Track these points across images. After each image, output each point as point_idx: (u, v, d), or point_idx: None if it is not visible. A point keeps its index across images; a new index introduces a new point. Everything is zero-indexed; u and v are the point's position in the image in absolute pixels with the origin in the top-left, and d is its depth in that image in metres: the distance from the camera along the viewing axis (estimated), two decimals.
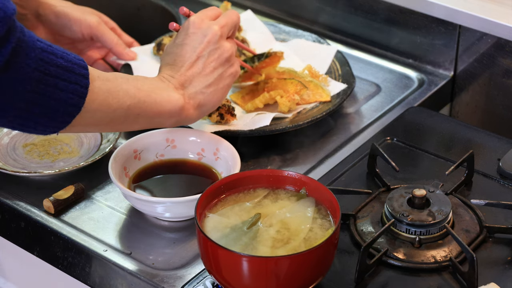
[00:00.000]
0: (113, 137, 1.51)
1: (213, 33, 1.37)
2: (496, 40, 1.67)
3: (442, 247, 1.29)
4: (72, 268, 1.37)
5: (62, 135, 1.54)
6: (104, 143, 1.51)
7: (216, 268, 1.18)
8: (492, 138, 1.54)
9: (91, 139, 1.54)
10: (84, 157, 1.49)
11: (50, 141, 1.53)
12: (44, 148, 1.52)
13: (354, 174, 1.45)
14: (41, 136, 1.54)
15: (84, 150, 1.51)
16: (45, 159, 1.49)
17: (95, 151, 1.50)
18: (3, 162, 1.47)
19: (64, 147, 1.52)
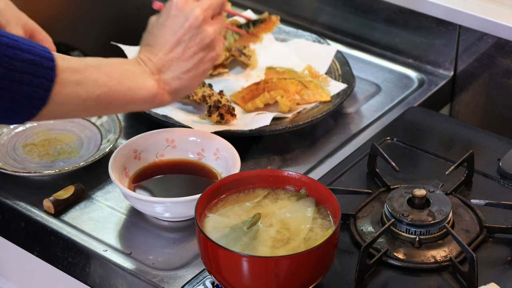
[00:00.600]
0: (113, 137, 1.50)
1: (195, 17, 1.33)
2: (496, 40, 1.67)
3: (442, 247, 1.29)
4: (72, 268, 1.37)
5: (62, 136, 1.54)
6: (104, 143, 1.51)
7: (216, 268, 1.18)
8: (492, 138, 1.54)
9: (91, 139, 1.53)
10: (84, 157, 1.49)
11: (50, 141, 1.53)
12: (44, 148, 1.51)
13: (354, 174, 1.45)
14: (41, 136, 1.53)
15: (84, 150, 1.51)
16: (45, 159, 1.49)
17: (95, 151, 1.50)
18: (3, 162, 1.47)
19: (64, 147, 1.52)
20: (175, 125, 1.51)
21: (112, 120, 1.54)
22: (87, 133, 1.55)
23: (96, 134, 1.54)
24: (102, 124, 1.55)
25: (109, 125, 1.54)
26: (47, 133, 1.55)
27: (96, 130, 1.55)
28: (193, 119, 1.56)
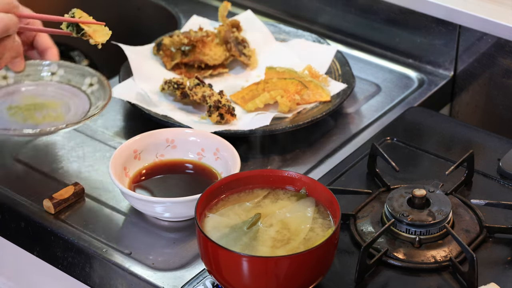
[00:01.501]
0: (102, 103, 1.48)
1: None
2: (496, 40, 1.67)
3: (442, 247, 1.29)
4: (72, 268, 1.37)
5: (49, 102, 1.53)
6: (92, 110, 1.49)
7: (216, 268, 1.18)
8: (492, 138, 1.54)
9: (79, 106, 1.51)
10: (69, 122, 1.47)
11: (36, 106, 1.52)
12: (29, 112, 1.50)
13: (354, 174, 1.45)
14: (28, 101, 1.53)
15: (70, 116, 1.49)
16: (29, 122, 1.48)
17: (83, 116, 1.48)
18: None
19: (50, 112, 1.51)
20: (175, 125, 1.51)
21: (103, 88, 1.52)
22: (76, 100, 1.53)
23: (85, 102, 1.52)
24: (93, 92, 1.53)
25: (100, 93, 1.52)
26: (34, 98, 1.54)
27: (86, 98, 1.53)
28: (193, 119, 1.56)
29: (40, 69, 1.56)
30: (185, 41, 1.68)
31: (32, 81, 1.56)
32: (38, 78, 1.56)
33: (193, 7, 1.95)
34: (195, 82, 1.59)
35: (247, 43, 1.72)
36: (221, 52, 1.69)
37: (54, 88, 1.55)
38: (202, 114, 1.57)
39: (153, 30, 1.95)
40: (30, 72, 1.56)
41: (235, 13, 1.87)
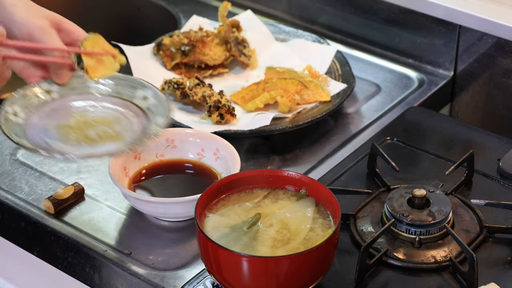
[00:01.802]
0: (163, 121, 1.31)
1: None
2: (496, 40, 1.67)
3: (442, 247, 1.29)
4: (72, 268, 1.37)
5: (101, 117, 1.34)
6: (152, 127, 1.32)
7: (216, 268, 1.18)
8: (492, 138, 1.54)
9: (135, 122, 1.33)
10: (129, 142, 1.29)
11: (88, 124, 1.33)
12: (81, 132, 1.31)
13: (354, 174, 1.45)
14: (77, 117, 1.34)
15: (128, 133, 1.31)
16: (83, 143, 1.29)
17: (142, 136, 1.31)
18: (35, 145, 1.27)
19: (105, 130, 1.32)
20: (175, 125, 1.51)
21: (160, 103, 1.35)
22: (131, 116, 1.35)
23: (141, 117, 1.34)
24: (149, 107, 1.35)
25: (156, 108, 1.35)
26: (83, 114, 1.35)
27: (140, 112, 1.35)
28: (193, 119, 1.56)
29: (86, 81, 1.35)
30: (185, 41, 1.68)
31: (78, 95, 1.36)
32: (85, 91, 1.36)
33: (193, 7, 1.95)
34: (195, 82, 1.59)
35: (247, 43, 1.72)
36: (221, 52, 1.69)
37: (104, 102, 1.37)
38: (202, 114, 1.57)
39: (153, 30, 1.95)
40: (75, 85, 1.36)
41: (235, 13, 1.87)
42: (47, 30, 1.28)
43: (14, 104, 1.29)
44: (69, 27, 1.31)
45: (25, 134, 1.26)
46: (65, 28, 1.31)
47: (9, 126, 1.25)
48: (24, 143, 1.22)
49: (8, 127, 1.25)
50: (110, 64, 1.32)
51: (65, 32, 1.31)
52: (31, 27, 1.28)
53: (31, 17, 1.29)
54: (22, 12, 1.29)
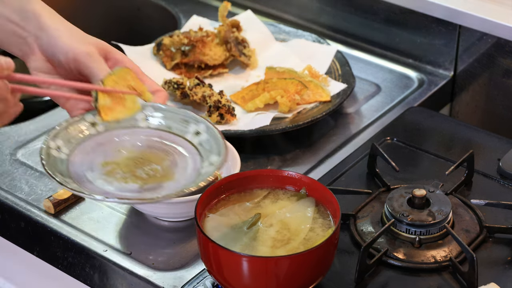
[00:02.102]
0: (218, 159, 1.17)
1: None
2: (496, 40, 1.67)
3: (442, 247, 1.29)
4: (72, 268, 1.37)
5: (150, 153, 1.22)
6: (205, 166, 1.18)
7: (216, 268, 1.18)
8: (492, 138, 1.54)
9: (187, 160, 1.21)
10: (181, 182, 1.16)
11: (136, 160, 1.21)
12: (128, 169, 1.19)
13: (354, 174, 1.45)
14: (124, 153, 1.22)
15: (179, 173, 1.19)
16: (131, 182, 1.16)
17: (195, 176, 1.17)
18: (78, 184, 1.15)
19: (155, 168, 1.19)
20: None
21: (214, 138, 1.21)
22: (182, 153, 1.22)
23: (194, 155, 1.21)
24: (201, 143, 1.22)
25: (210, 144, 1.21)
26: (131, 150, 1.22)
27: (193, 149, 1.22)
28: None
29: (134, 113, 1.23)
30: (185, 41, 1.68)
31: (125, 128, 1.23)
32: (133, 124, 1.23)
33: (193, 7, 1.95)
34: (195, 82, 1.59)
35: (247, 43, 1.72)
36: (221, 52, 1.69)
37: (153, 137, 1.24)
38: (202, 114, 1.57)
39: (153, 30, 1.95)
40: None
41: (235, 13, 1.87)
42: (95, 57, 1.21)
43: (57, 138, 1.18)
44: (116, 56, 1.25)
45: (68, 171, 1.15)
46: (112, 56, 1.24)
47: (51, 163, 1.14)
48: (69, 184, 1.11)
49: (50, 164, 1.14)
50: (131, 104, 1.20)
51: (112, 61, 1.24)
52: (77, 52, 1.21)
53: (77, 42, 1.22)
54: (67, 37, 1.22)
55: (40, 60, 1.23)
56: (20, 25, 1.22)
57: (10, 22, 1.21)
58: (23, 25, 1.22)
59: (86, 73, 1.20)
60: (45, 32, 1.22)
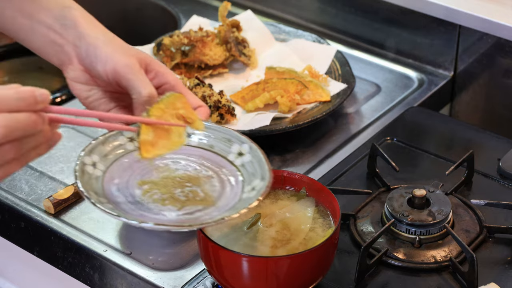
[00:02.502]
0: (262, 184, 1.11)
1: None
2: (496, 40, 1.67)
3: (442, 247, 1.29)
4: (72, 268, 1.37)
5: (189, 173, 1.17)
6: (247, 191, 1.13)
7: (216, 268, 1.18)
8: (492, 138, 1.54)
9: (228, 183, 1.16)
10: (222, 208, 1.11)
11: (175, 181, 1.16)
12: (167, 190, 1.14)
13: (354, 174, 1.45)
14: (162, 172, 1.17)
15: (219, 196, 1.14)
16: (169, 205, 1.11)
17: (236, 201, 1.12)
18: (114, 205, 1.08)
19: (194, 191, 1.14)
20: None
21: (258, 161, 1.15)
22: (223, 175, 1.17)
23: (236, 177, 1.16)
24: (244, 165, 1.16)
25: (253, 167, 1.16)
26: (169, 169, 1.17)
27: (235, 171, 1.17)
28: None
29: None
30: (185, 41, 1.68)
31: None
32: (171, 142, 1.14)
33: (193, 7, 1.95)
34: (195, 82, 1.59)
35: (247, 43, 1.72)
36: (221, 52, 1.69)
37: (194, 156, 1.18)
38: None
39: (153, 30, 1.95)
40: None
41: (235, 13, 1.87)
42: (135, 68, 1.16)
43: (93, 153, 1.12)
44: (157, 68, 1.19)
45: (103, 190, 1.10)
46: (153, 68, 1.19)
47: (86, 180, 1.08)
48: (102, 205, 1.05)
49: (84, 182, 1.07)
50: (176, 137, 1.11)
51: (153, 74, 1.19)
52: (116, 63, 1.15)
53: (117, 52, 1.17)
54: (106, 46, 1.17)
55: (77, 70, 1.19)
56: (59, 33, 1.19)
57: (50, 29, 1.19)
58: (62, 33, 1.19)
59: (124, 85, 1.15)
60: (83, 41, 1.18)
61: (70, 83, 1.20)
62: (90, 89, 1.20)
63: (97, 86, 1.20)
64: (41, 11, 1.19)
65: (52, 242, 1.38)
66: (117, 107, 1.20)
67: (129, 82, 1.15)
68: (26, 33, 1.21)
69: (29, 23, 1.20)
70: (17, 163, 0.95)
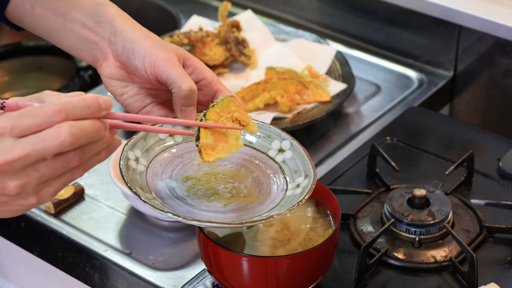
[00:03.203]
0: (306, 182, 1.10)
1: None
2: (496, 40, 1.67)
3: (442, 247, 1.29)
4: (72, 268, 1.37)
5: (231, 169, 1.16)
6: (291, 188, 1.12)
7: (216, 268, 1.18)
8: (492, 138, 1.54)
9: (271, 179, 1.14)
10: (267, 205, 1.10)
11: (218, 177, 1.14)
12: (210, 186, 1.13)
13: (354, 174, 1.45)
14: (204, 168, 1.16)
15: (263, 193, 1.13)
16: (214, 201, 1.10)
17: (281, 197, 1.11)
18: (162, 203, 1.07)
19: (237, 187, 1.13)
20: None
21: (299, 157, 1.14)
22: (265, 171, 1.15)
23: (278, 174, 1.15)
24: (285, 161, 1.15)
25: (295, 163, 1.14)
26: (209, 164, 1.16)
27: (277, 168, 1.15)
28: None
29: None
30: (185, 41, 1.68)
31: None
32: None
33: (193, 7, 1.95)
34: None
35: (247, 43, 1.72)
36: (221, 52, 1.69)
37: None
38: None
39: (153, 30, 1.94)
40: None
41: (235, 13, 1.87)
42: (174, 62, 1.14)
43: (135, 148, 1.11)
44: (195, 64, 1.17)
45: (148, 185, 1.09)
46: (191, 64, 1.17)
47: (130, 176, 1.07)
48: (151, 201, 1.04)
49: (130, 177, 1.07)
50: (233, 140, 1.09)
51: (191, 69, 1.17)
52: (156, 58, 1.14)
53: (156, 48, 1.16)
54: (144, 42, 1.16)
55: (113, 66, 1.18)
56: (93, 30, 1.18)
57: (84, 27, 1.18)
58: (97, 30, 1.18)
59: (164, 79, 1.14)
60: (119, 37, 1.17)
61: (104, 80, 1.19)
62: (126, 86, 1.18)
63: (133, 83, 1.18)
64: (73, 9, 1.19)
65: (52, 242, 1.38)
66: (152, 103, 1.19)
67: (169, 76, 1.13)
68: (58, 31, 1.20)
69: (61, 21, 1.19)
70: (80, 169, 0.96)
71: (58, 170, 0.93)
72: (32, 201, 0.94)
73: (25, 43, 2.04)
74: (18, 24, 1.24)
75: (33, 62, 2.05)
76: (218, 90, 1.16)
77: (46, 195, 0.95)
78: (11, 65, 2.05)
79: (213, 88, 1.16)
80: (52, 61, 2.03)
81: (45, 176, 0.92)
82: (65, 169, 0.93)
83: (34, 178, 0.92)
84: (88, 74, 1.94)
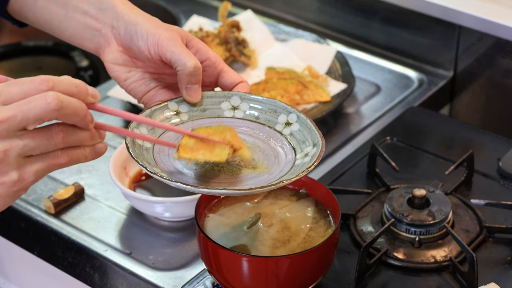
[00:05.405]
0: (314, 151, 1.10)
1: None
2: (496, 40, 1.67)
3: (442, 247, 1.29)
4: (72, 268, 1.37)
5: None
6: (300, 157, 1.12)
7: (216, 268, 1.18)
8: (492, 138, 1.54)
9: (279, 151, 1.14)
10: (276, 174, 1.11)
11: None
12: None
13: (354, 174, 1.45)
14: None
15: (271, 164, 1.13)
16: (223, 174, 1.11)
17: (290, 166, 1.11)
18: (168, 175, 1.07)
19: (245, 159, 1.13)
20: None
21: (307, 129, 1.14)
22: (273, 144, 1.16)
23: (285, 146, 1.15)
24: (292, 133, 1.15)
25: (303, 135, 1.14)
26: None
27: (285, 140, 1.16)
28: None
29: (218, 101, 1.17)
30: None
31: (210, 118, 1.16)
32: (218, 114, 1.16)
33: (193, 7, 1.95)
34: None
35: (247, 43, 1.72)
36: (221, 52, 1.69)
37: (240, 127, 1.17)
38: None
39: None
40: (207, 106, 1.17)
41: (235, 13, 1.87)
42: (178, 42, 1.14)
43: (141, 126, 1.11)
44: (197, 44, 1.17)
45: (155, 161, 1.09)
46: (194, 45, 1.17)
47: (137, 152, 1.08)
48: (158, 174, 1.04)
49: (137, 153, 1.07)
50: (219, 150, 1.09)
51: (194, 50, 1.17)
52: (160, 37, 1.13)
53: (159, 28, 1.15)
54: (147, 24, 1.16)
55: (115, 51, 1.18)
56: (96, 17, 1.18)
57: (86, 15, 1.18)
58: (99, 17, 1.18)
59: (168, 58, 1.13)
60: (121, 21, 1.17)
61: (107, 66, 1.19)
62: (129, 71, 1.18)
63: (136, 67, 1.18)
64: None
65: (52, 242, 1.38)
66: (157, 87, 1.18)
67: (173, 54, 1.13)
68: (60, 21, 1.21)
69: (63, 11, 1.20)
70: (64, 154, 0.95)
71: (41, 144, 0.93)
72: (13, 177, 0.95)
73: (25, 43, 2.04)
74: (19, 18, 1.25)
75: (32, 62, 2.05)
76: (222, 70, 1.16)
77: (29, 173, 0.95)
78: (11, 65, 2.05)
79: (217, 69, 1.16)
80: (51, 61, 2.03)
81: (27, 147, 0.92)
82: (49, 145, 0.93)
83: (16, 146, 0.92)
84: (88, 74, 1.94)
